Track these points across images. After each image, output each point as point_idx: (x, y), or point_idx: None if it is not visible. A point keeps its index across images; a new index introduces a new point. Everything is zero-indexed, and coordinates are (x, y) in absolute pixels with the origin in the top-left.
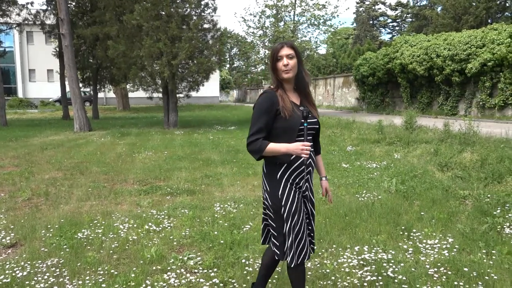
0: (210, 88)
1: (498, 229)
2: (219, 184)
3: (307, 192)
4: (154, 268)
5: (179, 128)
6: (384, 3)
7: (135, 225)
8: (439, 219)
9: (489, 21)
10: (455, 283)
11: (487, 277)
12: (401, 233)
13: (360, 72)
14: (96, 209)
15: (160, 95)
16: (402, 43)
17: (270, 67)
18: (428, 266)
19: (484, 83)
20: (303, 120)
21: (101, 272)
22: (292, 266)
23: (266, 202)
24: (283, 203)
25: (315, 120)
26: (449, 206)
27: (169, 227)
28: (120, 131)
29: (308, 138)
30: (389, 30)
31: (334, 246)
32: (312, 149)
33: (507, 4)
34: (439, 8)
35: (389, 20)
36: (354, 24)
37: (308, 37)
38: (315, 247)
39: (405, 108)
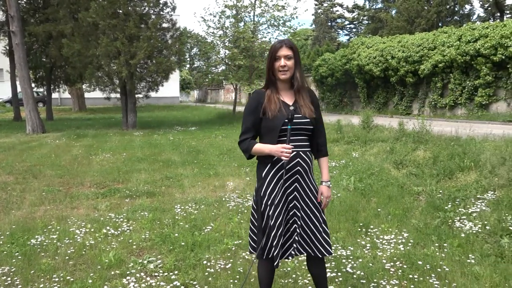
0: (170, 89)
1: (449, 223)
2: (180, 185)
3: (295, 193)
4: (112, 273)
5: (138, 129)
6: (341, 6)
7: (92, 230)
8: (395, 215)
9: (439, 24)
10: (410, 276)
11: (439, 269)
12: (360, 229)
13: (319, 73)
14: (50, 214)
15: (118, 95)
16: (359, 45)
17: (266, 65)
18: (384, 261)
19: (435, 84)
20: (287, 121)
21: (56, 279)
22: (260, 260)
23: (253, 198)
24: (264, 201)
25: (306, 120)
26: (404, 202)
27: (128, 231)
28: (76, 133)
29: (295, 138)
30: (346, 32)
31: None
32: (308, 149)
33: (456, 9)
34: (393, 11)
35: (347, 22)
36: (313, 26)
37: (268, 38)
38: (307, 249)
39: (362, 108)
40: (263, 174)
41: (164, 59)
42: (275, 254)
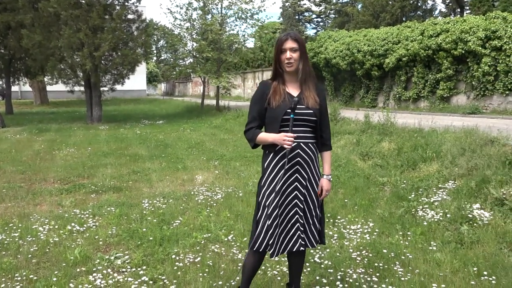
0: (137, 81)
1: (413, 212)
2: (147, 179)
3: (296, 184)
4: (78, 270)
5: (103, 123)
6: None
7: (56, 226)
8: (361, 206)
9: (403, 19)
10: (376, 264)
11: (403, 257)
12: (327, 220)
13: None
14: (11, 211)
15: (82, 88)
16: (326, 38)
17: (273, 57)
18: (351, 250)
19: (400, 77)
20: (289, 111)
21: (19, 279)
22: (250, 249)
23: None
24: (262, 191)
25: (309, 111)
26: (370, 193)
27: (94, 227)
28: (37, 127)
29: (297, 129)
30: (314, 26)
31: None
32: (312, 141)
33: (419, 4)
34: (359, 6)
35: (314, 16)
36: (281, 19)
37: (236, 31)
38: (310, 238)
39: (329, 101)
40: (265, 164)
41: (130, 51)
42: (270, 243)
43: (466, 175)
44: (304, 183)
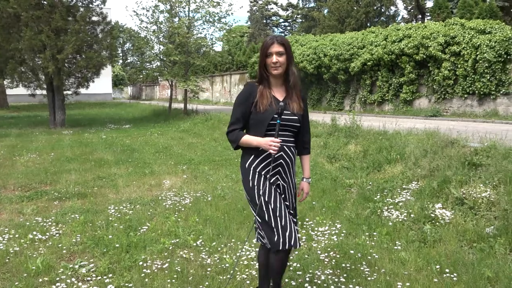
0: (102, 85)
1: (378, 212)
2: (114, 185)
3: (277, 183)
4: (40, 280)
5: (67, 128)
6: (276, 3)
7: (17, 235)
8: (328, 208)
9: (368, 24)
10: (343, 265)
11: (369, 257)
12: None
13: (255, 70)
14: None
15: (44, 92)
16: (293, 42)
17: (259, 61)
18: (319, 252)
19: (365, 81)
20: (276, 116)
21: None
22: (279, 249)
23: (245, 191)
24: (255, 190)
25: (294, 117)
26: (337, 194)
27: (57, 235)
28: None
29: (281, 133)
30: (281, 30)
31: (233, 240)
32: (292, 145)
33: (383, 10)
34: (325, 11)
35: (281, 20)
36: (249, 23)
37: (204, 34)
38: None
39: None
40: (247, 164)
41: (95, 54)
42: (288, 235)
43: (429, 176)
44: (284, 185)
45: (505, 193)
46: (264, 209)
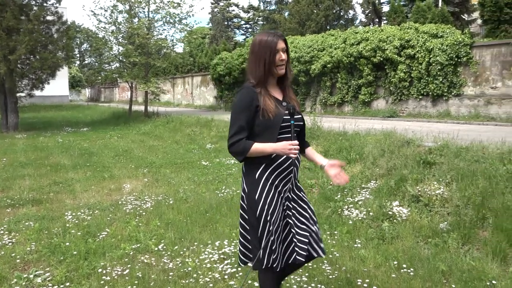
0: (58, 87)
1: (339, 212)
2: (71, 190)
3: (288, 193)
4: None
5: (20, 131)
6: (237, 5)
7: None
8: None
9: (328, 27)
10: (305, 264)
11: (331, 255)
12: None
13: (217, 71)
14: None
15: None
16: None
17: (265, 59)
18: None
19: (325, 83)
20: (289, 117)
21: None
22: (261, 269)
23: (242, 203)
24: (260, 205)
25: (299, 116)
26: None
27: (10, 244)
28: None
29: (289, 135)
30: (243, 32)
31: (195, 243)
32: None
33: (341, 13)
34: (286, 13)
35: (243, 22)
36: (210, 24)
37: (164, 35)
38: (311, 248)
39: None
40: (256, 176)
41: (50, 54)
42: (273, 257)
43: (386, 175)
44: (295, 191)
45: (457, 190)
46: (262, 225)
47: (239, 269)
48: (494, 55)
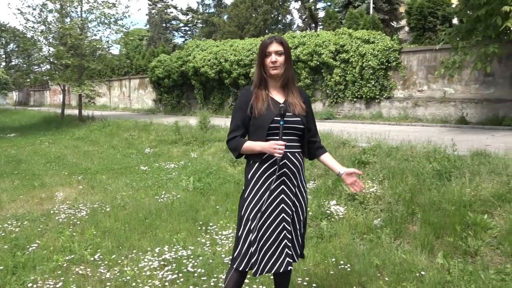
0: None
1: None
2: None
3: (282, 195)
4: None
5: None
6: (175, 7)
7: None
8: (232, 211)
9: (266, 31)
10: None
11: None
12: (200, 228)
13: (155, 74)
14: None
15: None
16: (194, 47)
17: (257, 61)
18: (224, 256)
19: None
20: (279, 118)
21: None
22: (233, 267)
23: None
24: (246, 204)
25: (297, 119)
26: (239, 197)
27: None
28: None
29: (285, 138)
30: (181, 34)
31: (134, 251)
32: (298, 151)
33: (280, 18)
34: (225, 17)
35: (181, 24)
36: (148, 26)
37: (99, 36)
38: (295, 254)
39: (199, 109)
40: (249, 175)
41: None
42: (252, 261)
43: (324, 175)
44: (291, 196)
45: (389, 188)
46: (243, 223)
47: (180, 274)
48: (420, 60)
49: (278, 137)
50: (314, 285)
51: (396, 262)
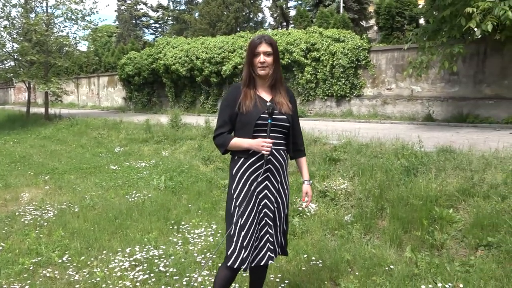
0: None
1: None
2: None
3: (265, 191)
4: None
5: None
6: (145, 4)
7: None
8: (204, 209)
9: (238, 29)
10: (219, 264)
11: None
12: (171, 227)
13: (125, 72)
14: None
15: None
16: (165, 45)
17: (246, 60)
18: (196, 254)
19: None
20: (267, 116)
21: None
22: (226, 266)
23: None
24: (234, 200)
25: (283, 117)
26: (212, 195)
27: None
28: None
29: (273, 135)
30: (152, 31)
31: (104, 252)
32: (283, 148)
33: (251, 16)
34: (196, 14)
35: (152, 21)
36: (117, 23)
37: (66, 32)
38: (277, 250)
39: (171, 107)
40: (234, 171)
41: None
42: (244, 256)
43: (296, 173)
44: (274, 192)
45: (359, 184)
46: (234, 220)
47: (152, 274)
48: (389, 59)
49: (265, 134)
50: (286, 281)
51: (366, 257)
